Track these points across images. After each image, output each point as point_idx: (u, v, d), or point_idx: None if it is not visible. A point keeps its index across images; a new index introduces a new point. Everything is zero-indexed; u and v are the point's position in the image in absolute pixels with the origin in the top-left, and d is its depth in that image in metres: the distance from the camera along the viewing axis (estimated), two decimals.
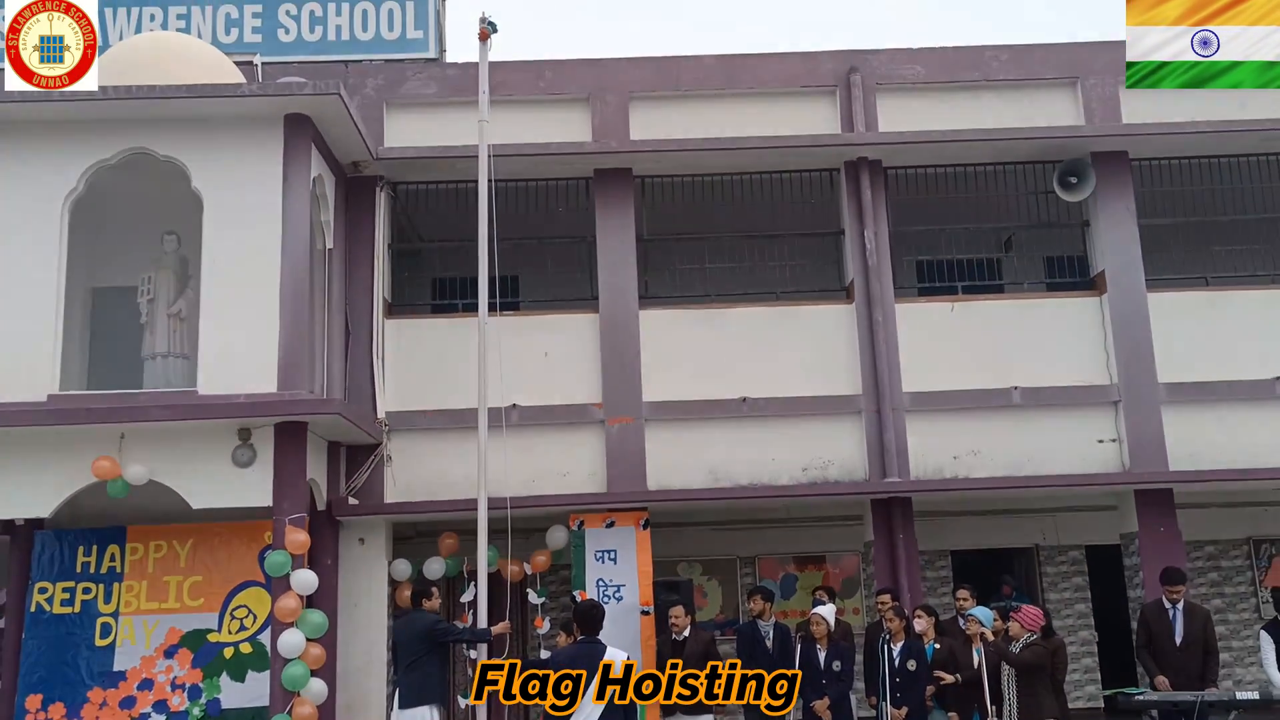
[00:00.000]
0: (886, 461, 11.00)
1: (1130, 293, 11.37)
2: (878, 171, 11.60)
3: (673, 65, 11.82)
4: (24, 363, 9.42)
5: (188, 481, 9.45)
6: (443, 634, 8.67)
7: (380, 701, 10.53)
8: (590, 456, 11.03)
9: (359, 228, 11.26)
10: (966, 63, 11.85)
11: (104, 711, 9.84)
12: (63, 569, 10.21)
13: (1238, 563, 13.62)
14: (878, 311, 11.25)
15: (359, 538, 10.84)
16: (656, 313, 11.43)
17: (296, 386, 9.51)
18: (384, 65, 11.68)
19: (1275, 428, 11.20)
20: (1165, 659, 8.87)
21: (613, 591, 10.53)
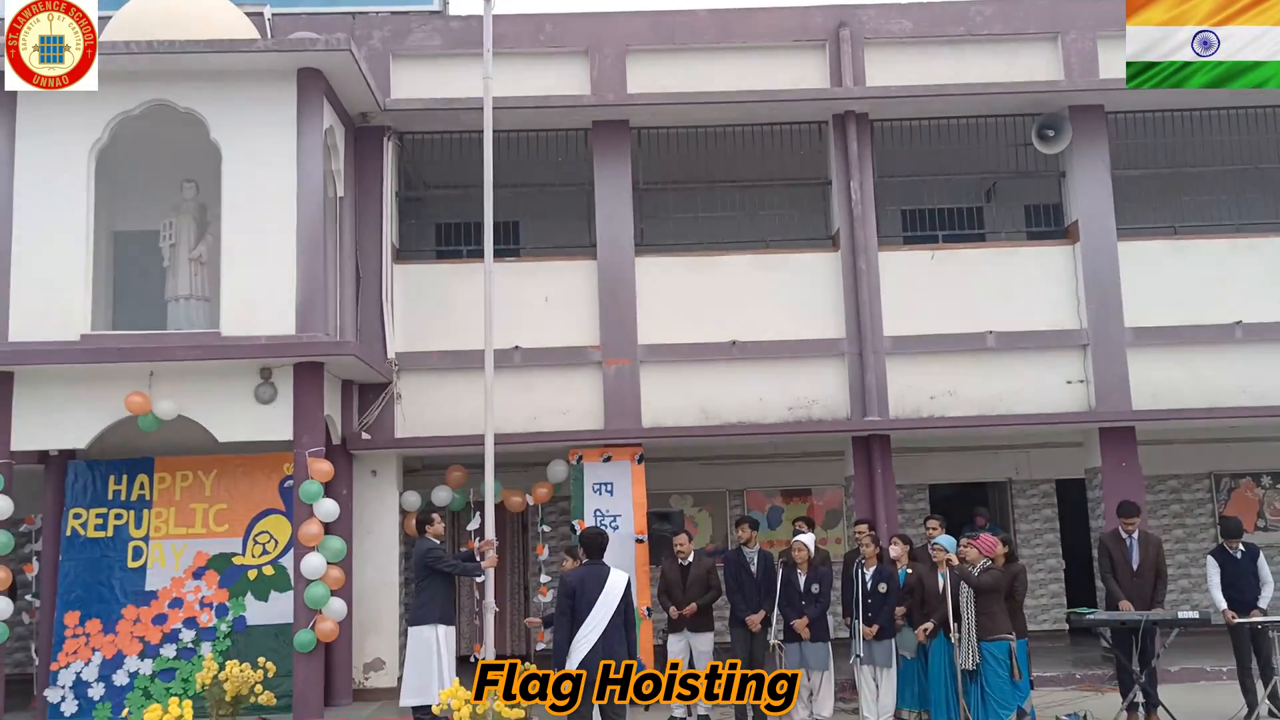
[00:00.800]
0: (867, 401, 11.68)
1: (1101, 241, 11.97)
2: (864, 124, 12.11)
3: (668, 19, 12.25)
4: (57, 304, 10.03)
5: (213, 416, 10.12)
6: (435, 561, 9.05)
7: (392, 620, 11.34)
8: (588, 395, 11.70)
9: (367, 176, 11.79)
10: (952, 17, 12.29)
11: (137, 627, 10.61)
12: (95, 496, 10.91)
13: (1199, 495, 14.45)
14: (861, 259, 11.85)
15: (371, 470, 11.55)
16: (652, 259, 12.01)
17: (313, 329, 10.14)
18: (390, 17, 12.09)
19: (1235, 370, 11.89)
20: (1123, 584, 9.61)
21: (609, 521, 11.26)
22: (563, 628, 7.33)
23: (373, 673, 11.22)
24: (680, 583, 9.88)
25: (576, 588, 7.39)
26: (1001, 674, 8.85)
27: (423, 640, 8.77)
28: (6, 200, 10.12)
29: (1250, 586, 9.60)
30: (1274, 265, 12.01)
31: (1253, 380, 11.84)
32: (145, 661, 10.50)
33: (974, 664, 8.82)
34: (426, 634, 8.82)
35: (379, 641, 11.26)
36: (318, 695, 9.95)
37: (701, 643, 9.76)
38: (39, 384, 10.03)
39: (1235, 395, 11.81)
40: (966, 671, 8.84)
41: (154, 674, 10.47)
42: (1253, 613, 9.35)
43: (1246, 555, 9.74)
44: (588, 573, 7.49)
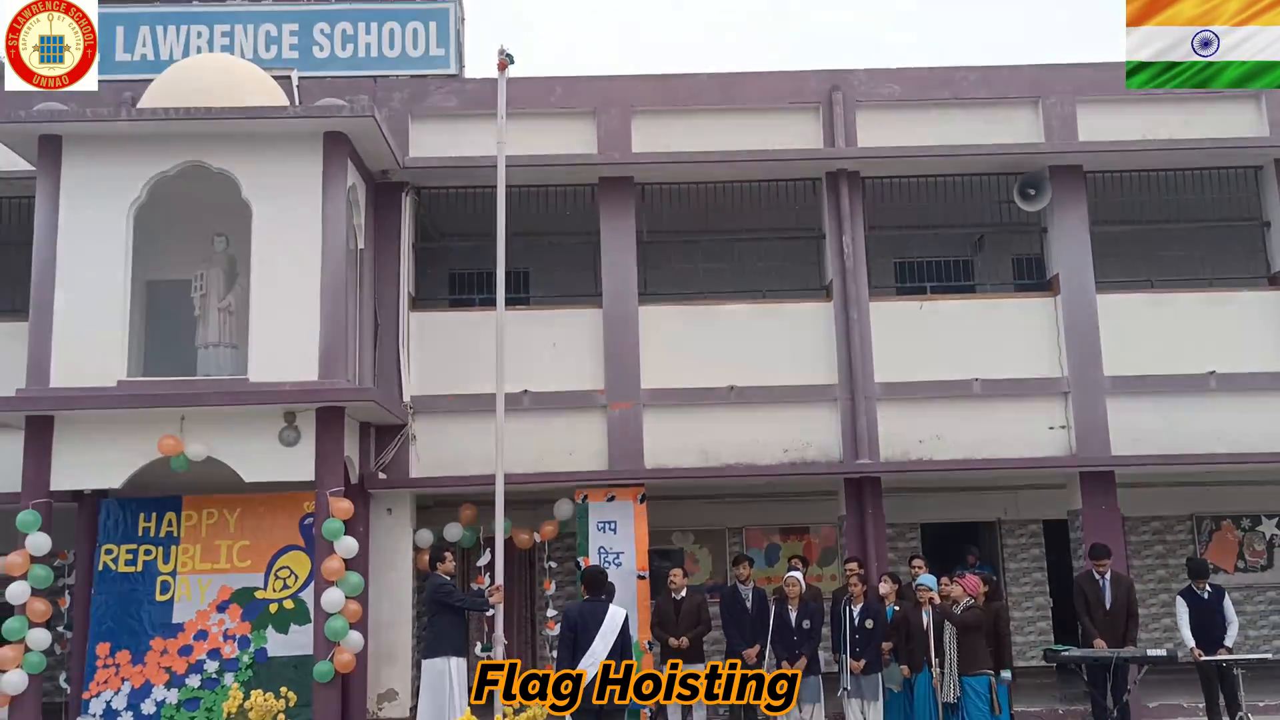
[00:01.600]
0: (859, 444, 12.26)
1: (1081, 294, 12.59)
2: (855, 182, 12.78)
3: (672, 82, 12.97)
4: (96, 352, 10.67)
5: (241, 458, 10.73)
6: (446, 596, 9.74)
7: (406, 651, 11.91)
8: (594, 437, 12.29)
9: (386, 229, 12.48)
10: (938, 82, 12.99)
11: (164, 658, 11.15)
12: (126, 533, 11.49)
13: (1181, 536, 14.99)
14: (853, 309, 12.48)
15: (387, 508, 12.16)
16: (654, 308, 12.64)
17: (335, 375, 10.79)
18: (409, 80, 12.82)
19: (1209, 417, 12.44)
20: (1097, 622, 10.15)
21: (613, 558, 11.83)
22: (565, 658, 7.89)
23: (386, 703, 11.77)
24: (673, 615, 10.47)
25: (577, 621, 7.95)
26: (982, 708, 9.42)
27: (436, 672, 9.36)
28: (51, 254, 10.80)
29: (1217, 625, 10.16)
30: (1246, 318, 12.60)
31: (1227, 427, 12.39)
32: (171, 691, 11.04)
33: (955, 697, 9.40)
34: (440, 665, 9.40)
35: (393, 673, 11.82)
36: None
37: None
38: (78, 427, 10.67)
39: (1210, 442, 12.36)
40: (948, 704, 9.40)
41: (179, 703, 10.99)
42: (1219, 651, 9.88)
43: (1213, 596, 10.30)
44: (587, 608, 8.07)
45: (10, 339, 11.74)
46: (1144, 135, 12.74)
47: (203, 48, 12.60)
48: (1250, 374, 12.42)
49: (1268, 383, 12.41)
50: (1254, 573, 14.86)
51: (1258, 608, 14.83)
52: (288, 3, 12.88)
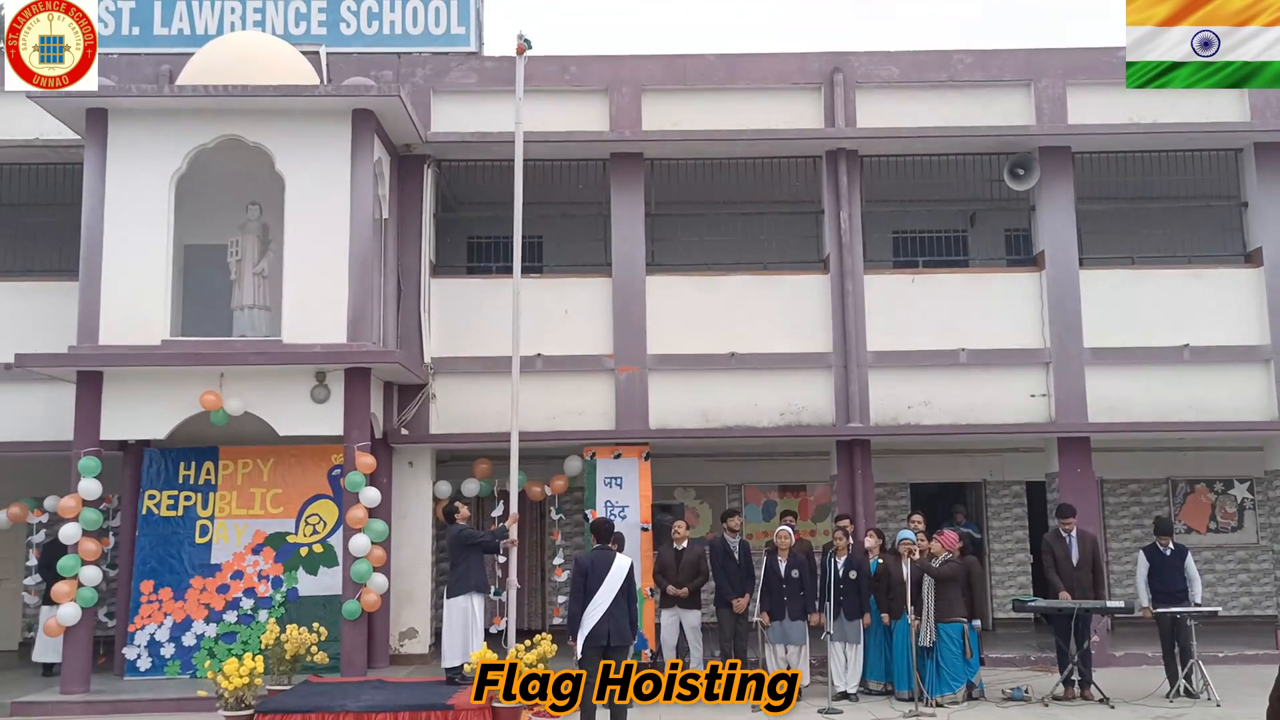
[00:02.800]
0: (851, 409, 13.06)
1: (1065, 269, 13.29)
2: (854, 160, 13.45)
3: (680, 62, 13.61)
4: (141, 313, 11.48)
5: (275, 413, 11.57)
6: (469, 539, 10.73)
7: (424, 593, 12.85)
8: (602, 399, 13.11)
9: (409, 199, 13.22)
10: (935, 65, 13.61)
11: (203, 595, 12.09)
12: (167, 480, 12.39)
13: (1157, 499, 15.81)
14: (849, 281, 13.21)
15: (408, 461, 13.03)
16: (661, 278, 13.40)
17: (363, 337, 11.59)
18: (431, 57, 13.49)
19: (1183, 388, 13.19)
20: (1064, 576, 10.93)
21: (618, 511, 12.68)
22: (576, 600, 8.68)
23: (407, 640, 12.73)
24: (674, 564, 11.36)
25: (588, 568, 8.76)
26: (955, 652, 10.32)
27: (459, 609, 10.30)
28: (98, 221, 11.57)
29: (1177, 581, 10.94)
30: (1221, 294, 13.30)
31: (1199, 397, 13.15)
32: (210, 625, 11.99)
33: (931, 642, 10.27)
34: (463, 603, 10.34)
35: (413, 612, 12.77)
36: (362, 657, 11.43)
37: (690, 618, 11.28)
38: (125, 382, 11.50)
39: (1182, 411, 13.12)
40: (924, 649, 10.28)
41: (218, 636, 11.95)
42: (1183, 605, 10.70)
43: (1175, 553, 11.08)
44: (597, 556, 8.86)
45: (54, 296, 12.62)
46: (1130, 118, 13.37)
47: (236, 23, 13.26)
48: (1223, 347, 13.15)
49: (1239, 356, 13.14)
50: (1225, 533, 15.69)
51: (1227, 566, 15.69)
52: None
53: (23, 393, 12.54)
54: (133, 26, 13.22)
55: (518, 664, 8.23)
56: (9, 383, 12.50)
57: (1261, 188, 13.37)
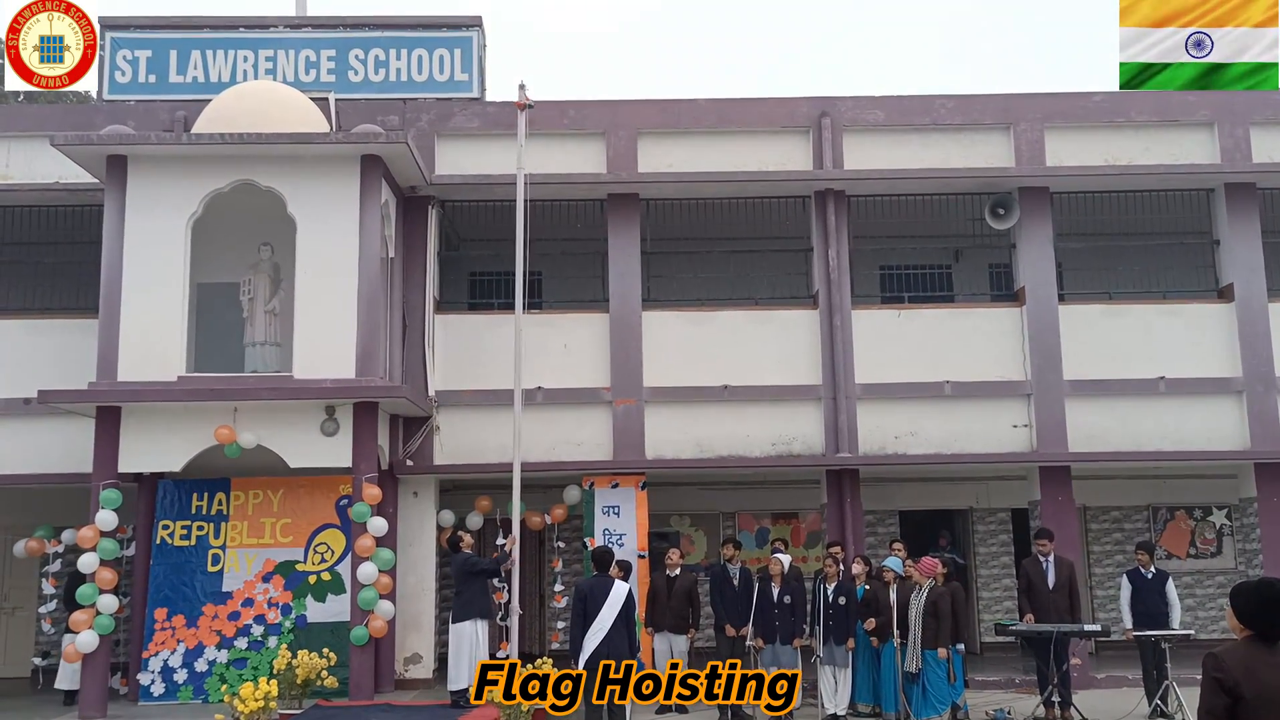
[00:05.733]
0: (840, 439, 13.54)
1: (1044, 305, 13.83)
2: (841, 200, 14.01)
3: (674, 106, 14.19)
4: (158, 350, 11.96)
5: (286, 446, 12.04)
6: (473, 566, 11.32)
7: (430, 620, 13.28)
8: (600, 430, 13.59)
9: (414, 239, 13.75)
10: (919, 109, 14.20)
11: (215, 622, 12.51)
12: (180, 510, 12.82)
13: (1138, 525, 16.29)
14: (837, 316, 13.73)
15: (413, 491, 13.49)
16: (657, 313, 13.92)
17: (371, 372, 12.08)
18: (436, 102, 14.05)
19: (1158, 418, 13.71)
20: (1041, 599, 11.30)
21: (616, 539, 13.12)
22: (577, 625, 9.11)
23: (412, 665, 13.13)
24: (666, 592, 11.81)
25: (588, 593, 9.20)
26: (940, 675, 10.72)
27: (464, 635, 10.75)
28: (117, 261, 12.07)
29: (1157, 605, 11.40)
30: (1195, 328, 13.85)
31: (1174, 428, 13.66)
32: (222, 651, 12.40)
33: (917, 667, 10.70)
34: (468, 629, 10.81)
35: (418, 639, 13.18)
36: (370, 682, 11.84)
37: (680, 644, 11.79)
38: (142, 417, 11.97)
39: (1158, 440, 13.63)
40: (909, 673, 10.71)
41: (229, 662, 12.36)
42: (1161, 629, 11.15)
43: (1156, 577, 11.55)
44: (596, 582, 9.30)
45: (72, 334, 13.13)
46: (1106, 160, 13.96)
47: (248, 71, 13.82)
48: (1196, 379, 13.68)
49: (1212, 388, 13.67)
50: (1204, 559, 16.16)
51: (1207, 590, 16.15)
52: (326, 30, 14.10)
53: (39, 426, 13.02)
54: (149, 74, 13.75)
55: (517, 664, 8.43)
56: (26, 417, 12.98)
57: (1232, 226, 13.95)
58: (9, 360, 13.25)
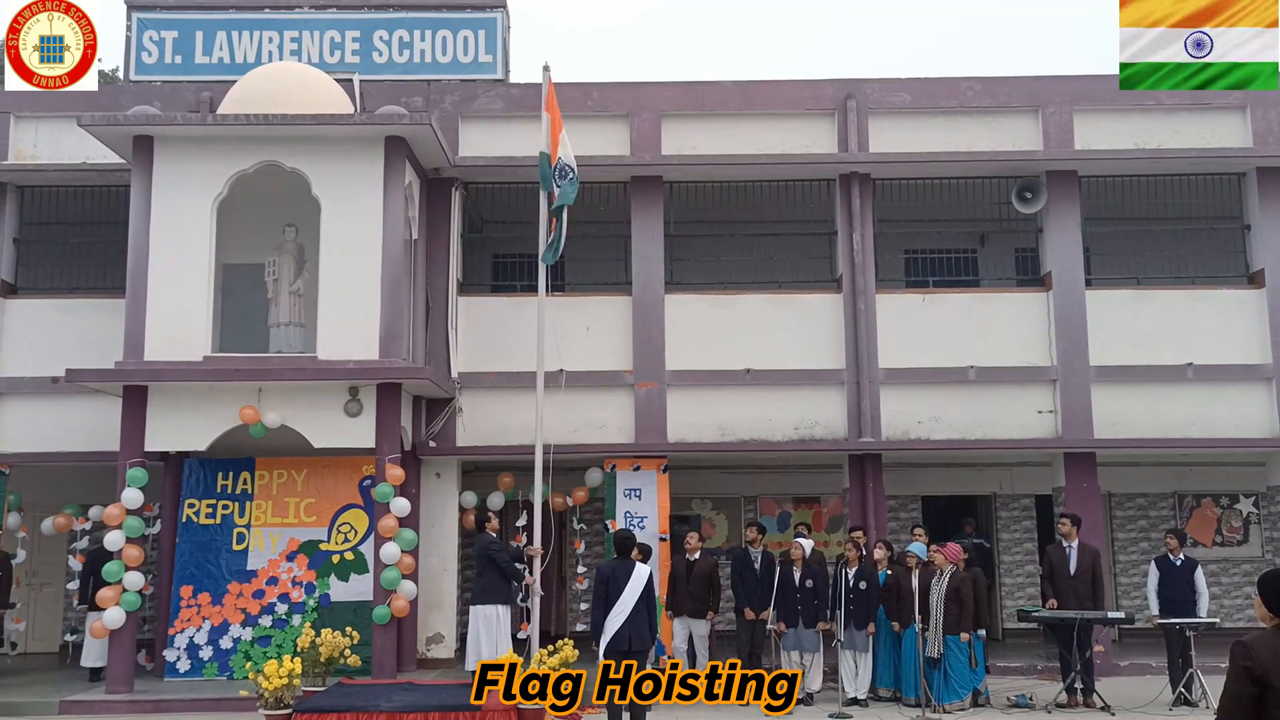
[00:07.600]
0: (862, 424, 13.49)
1: (1071, 290, 13.70)
2: (866, 183, 13.91)
3: (698, 89, 14.11)
4: (184, 330, 12.03)
5: (310, 426, 12.09)
6: (495, 553, 11.31)
7: (451, 600, 13.36)
8: (622, 413, 13.60)
9: (437, 221, 13.76)
10: (945, 91, 14.06)
11: (240, 600, 12.63)
12: (206, 489, 12.94)
13: (1164, 512, 16.16)
14: (861, 301, 13.66)
15: (436, 472, 13.55)
16: (679, 296, 13.89)
17: (394, 354, 12.11)
18: (460, 84, 14.04)
19: (1185, 405, 13.59)
20: (1063, 585, 11.27)
21: (637, 522, 13.15)
22: (599, 608, 9.12)
23: (434, 645, 13.22)
24: (685, 575, 11.82)
25: (609, 577, 9.21)
26: (962, 660, 10.71)
27: (485, 617, 10.81)
28: (144, 242, 12.14)
29: (1184, 592, 11.32)
30: (1224, 314, 13.69)
31: (1201, 415, 13.53)
32: (246, 629, 12.52)
33: (939, 653, 10.68)
34: (489, 612, 10.86)
35: (440, 618, 13.27)
36: (392, 661, 11.91)
37: (699, 628, 11.77)
38: (168, 396, 12.05)
39: (1185, 427, 13.51)
40: (930, 659, 10.69)
41: (253, 640, 12.48)
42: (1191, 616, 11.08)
43: (1185, 565, 11.46)
44: (618, 565, 9.30)
45: (99, 313, 13.26)
46: (1135, 143, 13.79)
47: (273, 52, 13.85)
48: (1224, 366, 13.54)
49: (1240, 374, 13.52)
50: (1230, 547, 16.02)
51: (1233, 579, 16.02)
52: (351, 11, 14.10)
53: (67, 405, 13.17)
54: (175, 55, 13.81)
55: (517, 664, 8.43)
56: (54, 396, 13.13)
57: (1264, 211, 13.76)
58: (37, 339, 13.41)
